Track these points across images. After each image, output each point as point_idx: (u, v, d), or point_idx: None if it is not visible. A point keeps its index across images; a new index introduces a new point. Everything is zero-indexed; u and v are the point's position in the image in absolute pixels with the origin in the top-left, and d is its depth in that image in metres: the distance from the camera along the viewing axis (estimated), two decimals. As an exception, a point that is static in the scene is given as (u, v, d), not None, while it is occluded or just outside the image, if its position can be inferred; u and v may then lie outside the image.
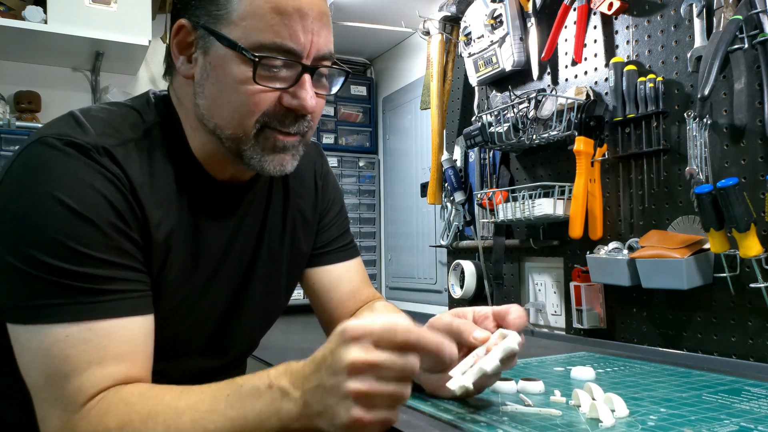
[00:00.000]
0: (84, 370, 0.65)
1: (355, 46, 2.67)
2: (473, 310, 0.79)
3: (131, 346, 0.69)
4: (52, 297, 0.66)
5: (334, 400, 0.58)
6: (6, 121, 2.01)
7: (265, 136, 0.76)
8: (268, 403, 0.62)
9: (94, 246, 0.68)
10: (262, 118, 0.75)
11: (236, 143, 0.77)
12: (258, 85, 0.73)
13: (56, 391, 0.65)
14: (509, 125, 1.58)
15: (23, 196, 0.68)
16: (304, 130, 0.79)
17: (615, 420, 0.70)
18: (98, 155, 0.71)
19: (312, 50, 0.75)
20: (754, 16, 1.12)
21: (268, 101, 0.75)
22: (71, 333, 0.65)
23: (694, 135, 1.22)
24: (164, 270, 0.77)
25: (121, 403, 0.64)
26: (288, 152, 0.79)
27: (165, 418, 0.63)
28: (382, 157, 2.76)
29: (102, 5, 2.00)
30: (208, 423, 0.63)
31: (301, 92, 0.75)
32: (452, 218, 2.00)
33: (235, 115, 0.75)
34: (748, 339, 1.16)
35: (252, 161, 0.78)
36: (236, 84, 0.74)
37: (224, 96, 0.75)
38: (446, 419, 0.71)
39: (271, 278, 0.93)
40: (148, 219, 0.74)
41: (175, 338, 0.81)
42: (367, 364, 0.57)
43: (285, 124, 0.76)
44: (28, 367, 0.67)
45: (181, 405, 0.64)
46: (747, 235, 1.10)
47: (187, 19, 0.76)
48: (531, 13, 1.65)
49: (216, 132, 0.77)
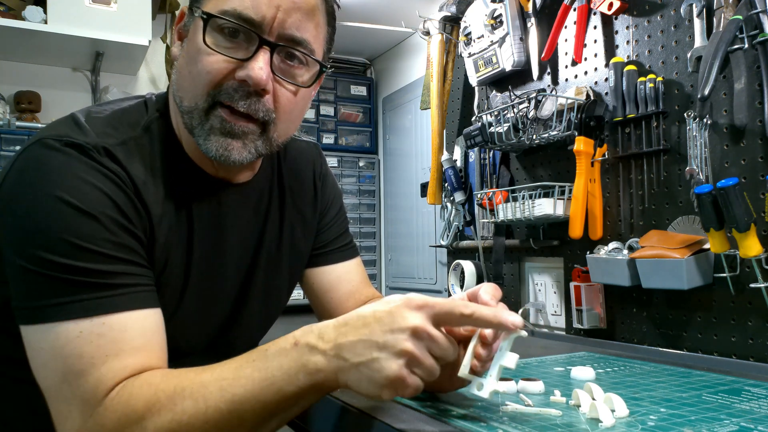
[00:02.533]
0: (102, 363, 0.65)
1: (355, 46, 2.67)
2: None
3: (146, 337, 0.69)
4: (63, 295, 0.66)
5: (385, 354, 0.60)
6: (6, 121, 2.01)
7: (215, 114, 0.74)
8: (295, 358, 0.63)
9: (99, 242, 0.68)
10: (213, 91, 0.74)
11: (191, 118, 0.75)
12: (211, 50, 0.72)
13: (74, 388, 0.65)
14: (509, 125, 1.58)
15: (25, 197, 0.68)
16: (256, 112, 0.75)
17: (615, 420, 0.70)
18: (98, 155, 0.71)
19: (275, 26, 0.73)
20: (754, 16, 1.12)
21: (219, 71, 0.73)
22: (85, 328, 0.65)
23: (694, 135, 1.22)
24: (166, 268, 0.77)
25: (145, 385, 0.64)
26: (237, 138, 0.75)
27: (192, 392, 0.63)
28: (382, 157, 2.76)
29: (102, 5, 2.00)
30: (236, 388, 0.63)
31: (252, 62, 0.72)
32: (452, 218, 2.00)
33: (192, 83, 0.75)
34: (748, 339, 1.16)
35: (199, 139, 0.76)
36: (197, 52, 0.74)
37: (188, 66, 0.76)
38: (446, 419, 0.71)
39: (271, 278, 0.93)
40: (152, 216, 0.74)
41: (176, 338, 0.81)
42: (427, 333, 0.61)
43: (234, 99, 0.73)
44: (43, 368, 0.66)
45: (206, 377, 0.64)
46: (747, 235, 1.09)
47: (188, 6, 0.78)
48: (531, 13, 1.65)
49: (180, 108, 0.77)
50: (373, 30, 2.39)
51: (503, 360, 0.69)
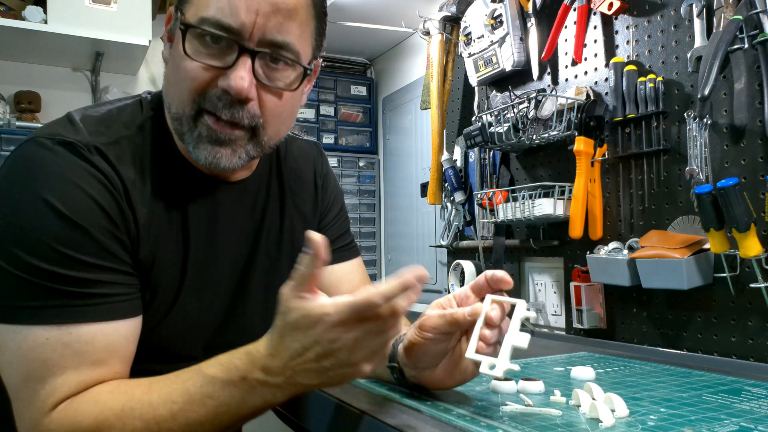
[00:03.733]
0: (60, 374, 0.65)
1: (355, 46, 2.67)
2: (453, 295, 0.78)
3: (110, 351, 0.69)
4: (35, 298, 0.66)
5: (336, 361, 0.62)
6: (6, 121, 2.01)
7: (201, 122, 0.74)
8: (247, 390, 0.64)
9: (79, 249, 0.68)
10: (198, 98, 0.73)
11: (180, 125, 0.76)
12: (191, 59, 0.72)
13: (31, 392, 0.65)
14: (509, 125, 1.58)
15: (13, 196, 0.68)
16: (241, 119, 0.74)
17: (615, 420, 0.70)
18: (89, 153, 0.71)
19: (255, 32, 0.71)
20: (754, 16, 1.12)
21: (203, 79, 0.73)
22: (51, 336, 0.66)
23: (694, 135, 1.22)
24: (153, 266, 0.77)
25: (91, 403, 0.65)
26: (225, 146, 0.75)
27: (141, 413, 0.64)
28: (382, 157, 2.76)
29: (102, 5, 2.00)
30: (189, 413, 0.64)
31: (233, 72, 0.71)
32: (452, 218, 2.00)
33: (177, 92, 0.75)
34: (748, 339, 1.16)
35: (189, 147, 0.76)
36: (181, 60, 0.73)
37: (173, 74, 0.76)
38: (446, 419, 0.71)
39: (271, 279, 0.92)
40: (137, 217, 0.74)
41: (172, 339, 0.81)
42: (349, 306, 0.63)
43: (218, 108, 0.73)
44: (8, 367, 0.67)
45: (154, 398, 0.65)
46: (747, 235, 1.09)
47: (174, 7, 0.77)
48: (531, 13, 1.65)
49: (170, 114, 0.77)
50: (373, 30, 2.39)
51: (514, 340, 0.69)
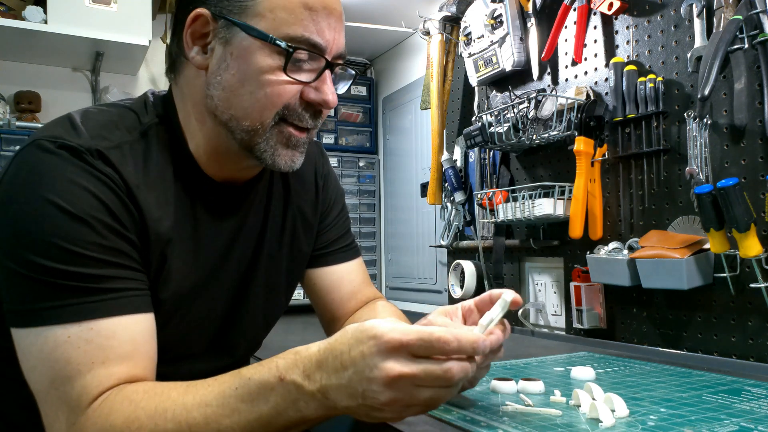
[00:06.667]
0: (88, 371, 0.65)
1: (355, 46, 2.67)
2: (461, 306, 0.79)
3: (134, 344, 0.69)
4: (52, 299, 0.66)
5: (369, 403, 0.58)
6: (6, 121, 2.01)
7: (279, 130, 0.77)
8: (283, 395, 0.62)
9: (89, 246, 0.68)
10: (282, 111, 0.76)
11: (250, 135, 0.77)
12: (284, 77, 0.74)
13: (61, 393, 0.65)
14: (509, 125, 1.58)
15: (18, 200, 0.68)
16: (319, 125, 0.81)
17: (615, 420, 0.70)
18: (91, 158, 0.71)
19: (334, 48, 0.78)
20: (754, 16, 1.12)
21: (291, 94, 0.76)
22: (72, 333, 0.65)
23: (694, 135, 1.22)
24: (163, 269, 0.77)
25: (125, 401, 0.64)
26: (299, 149, 0.80)
27: (174, 415, 0.63)
28: (382, 157, 2.76)
29: (102, 5, 2.00)
30: (222, 418, 0.62)
31: (324, 87, 0.77)
32: (452, 218, 2.00)
33: (256, 106, 0.76)
34: (748, 339, 1.16)
35: (264, 155, 0.78)
36: (261, 74, 0.74)
37: (246, 87, 0.75)
38: (446, 419, 0.71)
39: (272, 278, 0.93)
40: (146, 219, 0.74)
41: (175, 339, 0.81)
42: (405, 377, 0.57)
43: (303, 119, 0.78)
44: (32, 371, 0.67)
45: (189, 400, 0.64)
46: (747, 235, 1.10)
47: (207, 9, 0.76)
48: (531, 13, 1.65)
49: (229, 124, 0.77)
50: (373, 30, 2.39)
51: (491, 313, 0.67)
